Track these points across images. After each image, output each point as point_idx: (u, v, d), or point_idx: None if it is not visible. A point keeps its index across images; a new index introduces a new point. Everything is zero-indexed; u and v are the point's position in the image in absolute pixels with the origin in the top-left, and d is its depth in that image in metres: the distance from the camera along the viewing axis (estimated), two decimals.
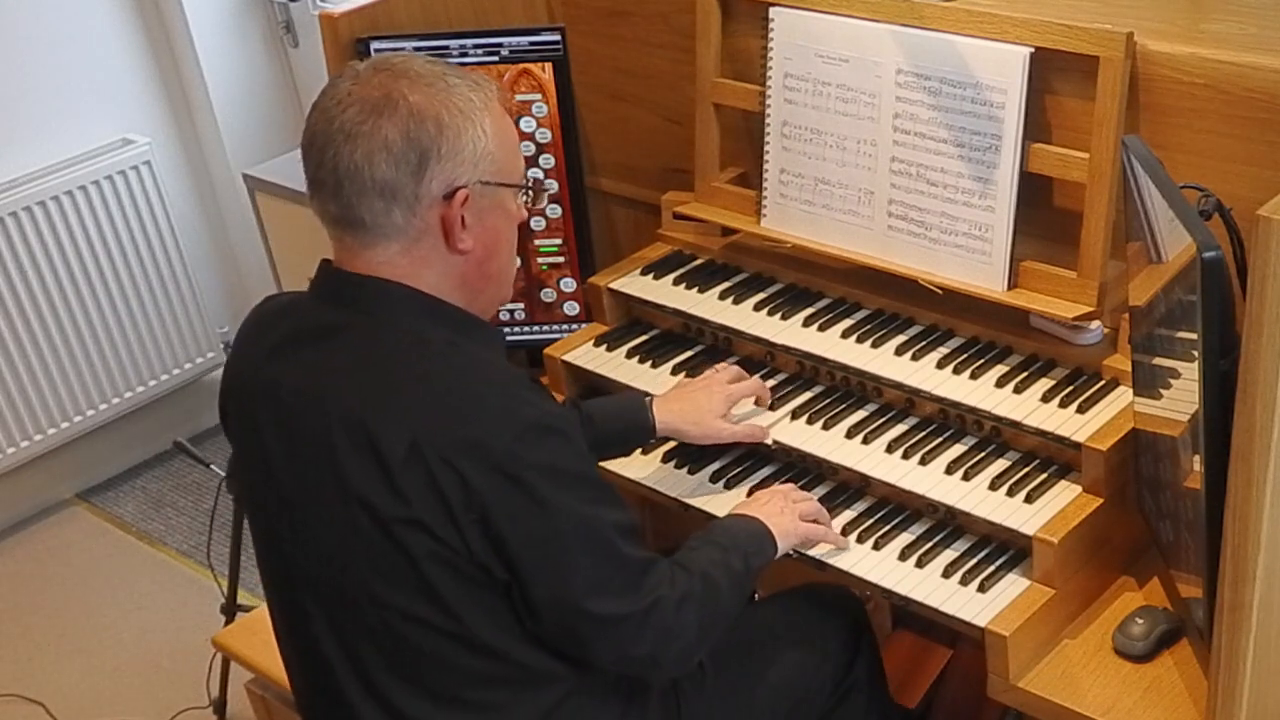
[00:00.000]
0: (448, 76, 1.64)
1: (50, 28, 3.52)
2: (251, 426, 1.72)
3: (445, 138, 1.60)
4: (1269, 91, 1.84)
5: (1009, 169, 2.04)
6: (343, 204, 1.63)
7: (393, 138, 1.59)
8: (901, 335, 2.17)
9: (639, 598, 1.68)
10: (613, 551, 1.66)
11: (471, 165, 1.62)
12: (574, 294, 2.57)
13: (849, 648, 2.05)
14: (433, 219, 1.63)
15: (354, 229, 1.64)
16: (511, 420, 1.59)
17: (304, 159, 1.65)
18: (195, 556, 3.57)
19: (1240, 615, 1.58)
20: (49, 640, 3.41)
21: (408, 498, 1.58)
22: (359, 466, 1.60)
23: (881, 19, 2.14)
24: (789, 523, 1.93)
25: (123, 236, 3.68)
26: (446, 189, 1.62)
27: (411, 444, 1.57)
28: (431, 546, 1.59)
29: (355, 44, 2.42)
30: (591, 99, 2.62)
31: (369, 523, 1.61)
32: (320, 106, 1.64)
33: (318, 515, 1.66)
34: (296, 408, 1.66)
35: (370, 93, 1.61)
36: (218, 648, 2.51)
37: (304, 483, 1.67)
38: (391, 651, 1.67)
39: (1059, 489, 1.93)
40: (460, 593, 1.62)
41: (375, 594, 1.64)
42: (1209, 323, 1.55)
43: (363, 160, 1.59)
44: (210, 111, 3.75)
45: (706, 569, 1.79)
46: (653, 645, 1.71)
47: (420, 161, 1.60)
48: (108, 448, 3.89)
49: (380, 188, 1.60)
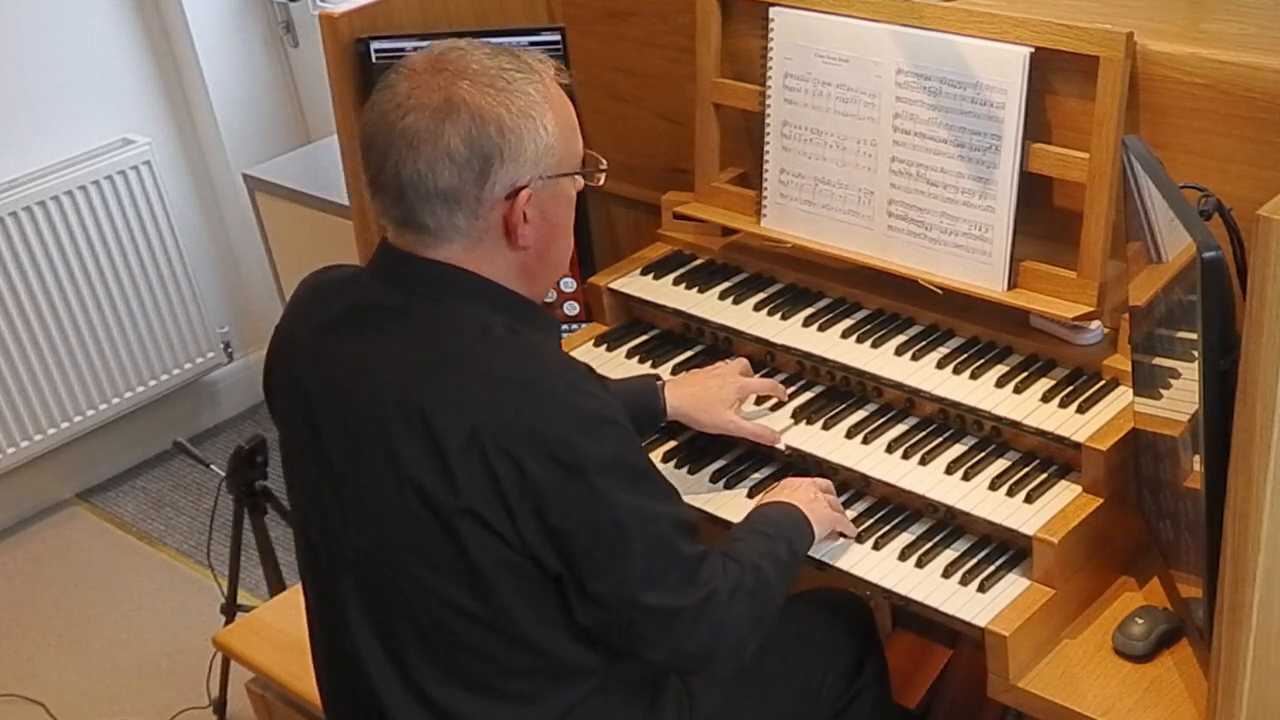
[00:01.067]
0: (506, 72, 1.61)
1: (50, 28, 3.52)
2: (302, 397, 1.71)
3: (508, 141, 1.59)
4: (1269, 91, 1.84)
5: (1009, 169, 2.04)
6: (405, 209, 1.62)
7: (455, 145, 1.57)
8: (901, 335, 2.17)
9: (693, 591, 1.68)
10: (669, 546, 1.66)
11: (534, 164, 1.61)
12: (574, 294, 2.57)
13: (858, 652, 2.05)
14: (495, 219, 1.63)
15: (417, 231, 1.64)
16: (572, 411, 1.58)
17: (363, 160, 1.64)
18: (195, 556, 3.57)
19: (1240, 615, 1.58)
20: (49, 640, 3.41)
21: (463, 486, 1.57)
22: (414, 451, 1.59)
23: (881, 19, 2.14)
24: (823, 510, 1.93)
25: (123, 236, 3.68)
26: (509, 190, 1.61)
27: (471, 432, 1.56)
28: (482, 536, 1.59)
29: (355, 44, 2.42)
30: (591, 99, 2.62)
31: (421, 508, 1.60)
32: (378, 108, 1.62)
33: (368, 495, 1.66)
34: (352, 385, 1.66)
35: (430, 97, 1.58)
36: (218, 648, 2.51)
37: (355, 462, 1.66)
38: (428, 635, 1.67)
39: (1059, 489, 1.93)
40: (506, 583, 1.62)
41: (419, 577, 1.64)
42: (1209, 323, 1.55)
43: (425, 169, 1.58)
44: (210, 111, 3.75)
45: (756, 560, 1.79)
46: (706, 639, 1.70)
47: (484, 167, 1.59)
48: (108, 448, 3.89)
49: (444, 195, 1.59)
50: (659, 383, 2.11)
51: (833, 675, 2.01)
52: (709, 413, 2.09)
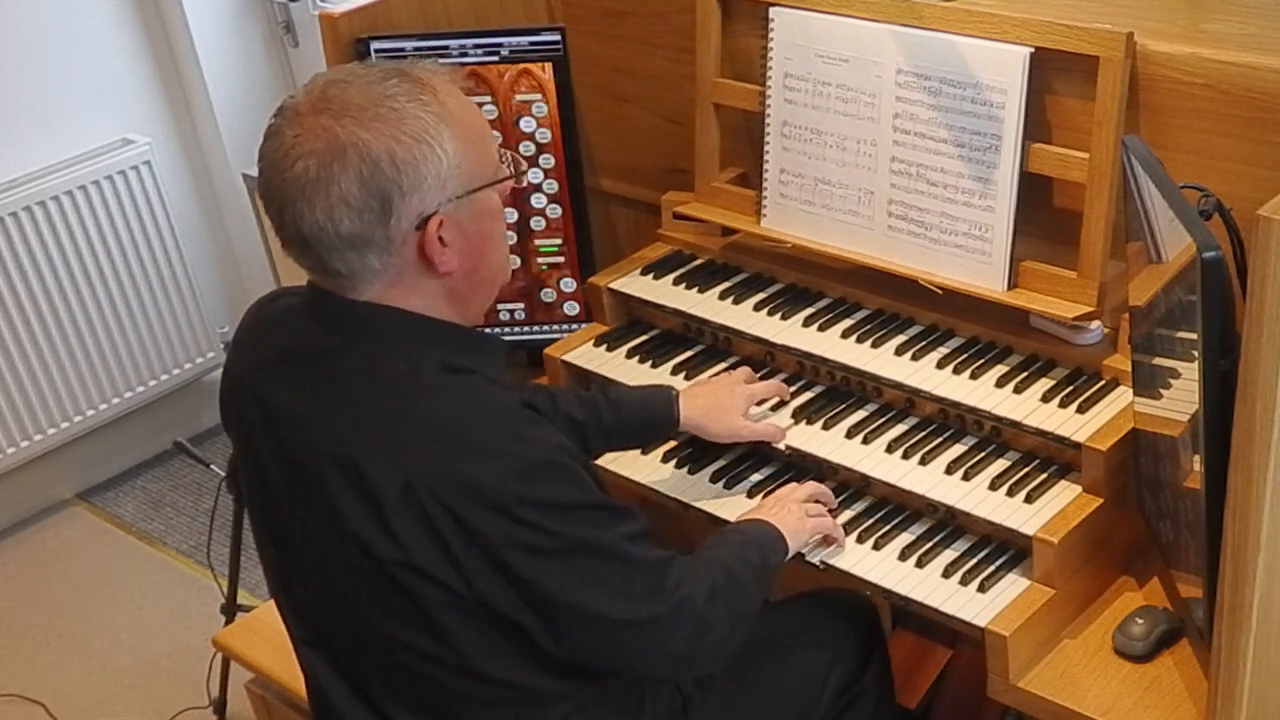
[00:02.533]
0: (391, 98, 1.53)
1: (50, 28, 3.52)
2: (248, 436, 1.69)
3: (404, 174, 1.51)
4: (1269, 91, 1.84)
5: (1009, 169, 2.04)
6: (315, 260, 1.57)
7: (349, 189, 1.50)
8: (901, 335, 2.17)
9: (665, 596, 1.66)
10: (628, 560, 1.63)
11: (438, 189, 1.54)
12: (574, 294, 2.57)
13: (861, 652, 2.04)
14: (410, 252, 1.56)
15: (333, 277, 1.59)
16: (509, 460, 1.54)
17: (265, 212, 1.58)
18: (195, 556, 3.57)
19: (1240, 615, 1.58)
20: (49, 640, 3.41)
21: (403, 541, 1.53)
22: (353, 505, 1.56)
23: (881, 19, 2.14)
24: (795, 520, 1.93)
25: (123, 236, 3.68)
26: (417, 221, 1.54)
27: (405, 485, 1.52)
28: (430, 588, 1.56)
29: (355, 44, 2.42)
30: (591, 99, 2.62)
31: (364, 561, 1.57)
32: (267, 158, 1.55)
33: (314, 546, 1.63)
34: (289, 432, 1.63)
35: (315, 143, 1.51)
36: (218, 648, 2.51)
37: (300, 511, 1.63)
38: (392, 676, 1.66)
39: (1059, 489, 1.93)
40: (459, 627, 1.59)
41: (375, 624, 1.62)
42: (1209, 323, 1.55)
43: (324, 219, 1.51)
44: (210, 111, 3.75)
45: (726, 562, 1.78)
46: (688, 641, 1.69)
47: (384, 206, 1.51)
48: (108, 448, 3.89)
49: (349, 241, 1.53)
50: (674, 393, 2.11)
51: (837, 675, 2.00)
52: (721, 422, 2.09)
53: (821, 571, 1.98)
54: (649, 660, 1.70)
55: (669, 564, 1.69)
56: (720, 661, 1.77)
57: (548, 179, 2.51)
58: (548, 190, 2.52)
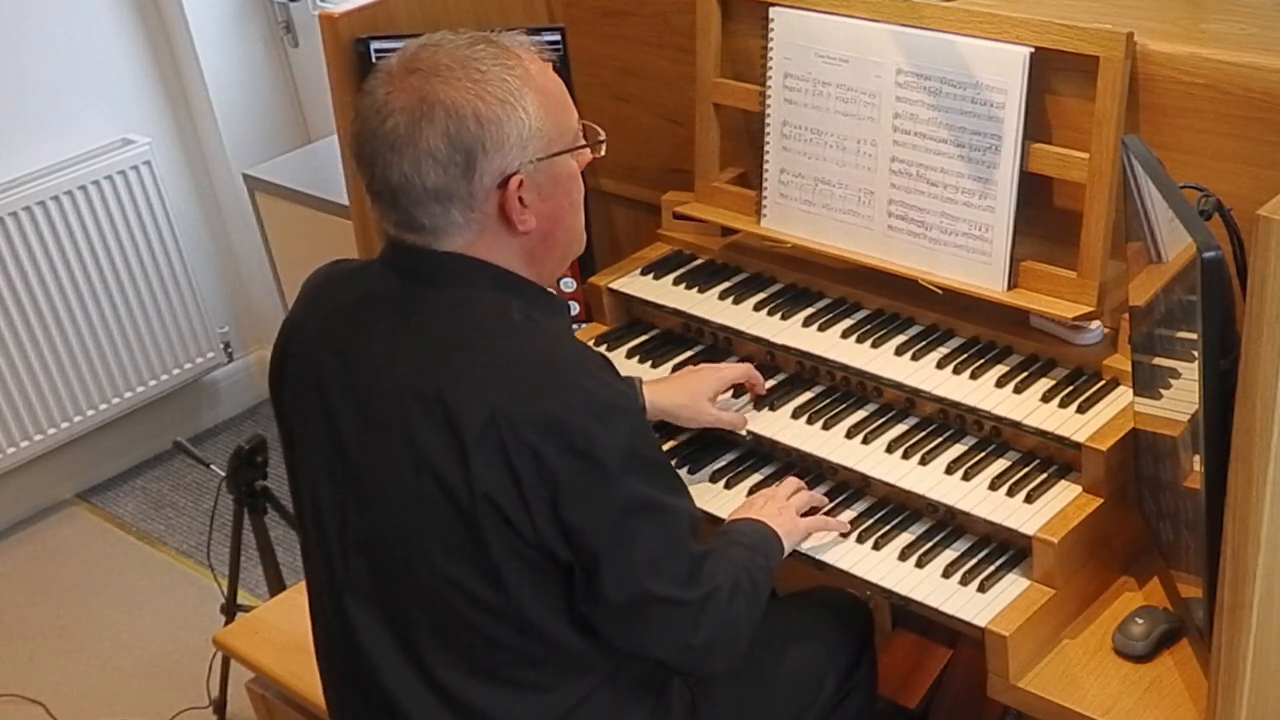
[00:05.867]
0: (479, 61, 1.61)
1: (50, 28, 3.52)
2: (316, 385, 1.71)
3: (488, 131, 1.59)
4: (1269, 91, 1.84)
5: (1009, 169, 2.04)
6: (401, 212, 1.64)
7: (436, 144, 1.58)
8: (901, 335, 2.17)
9: (697, 587, 1.70)
10: (678, 539, 1.68)
11: (520, 149, 1.61)
12: (574, 294, 2.57)
13: (855, 651, 2.06)
14: (491, 209, 1.63)
15: (417, 231, 1.65)
16: (589, 400, 1.59)
17: (358, 168, 1.66)
18: (195, 556, 3.57)
19: (1240, 615, 1.58)
20: (49, 640, 3.41)
21: (481, 472, 1.58)
22: (434, 438, 1.60)
23: (881, 19, 2.14)
24: (789, 522, 1.95)
25: (123, 236, 3.68)
26: (499, 179, 1.61)
27: (489, 418, 1.57)
28: (497, 523, 1.59)
29: (355, 44, 2.42)
30: (591, 99, 2.62)
31: (439, 495, 1.61)
32: (361, 115, 1.63)
33: (386, 482, 1.66)
34: (370, 372, 1.66)
35: (406, 99, 1.59)
36: (218, 648, 2.51)
37: (372, 448, 1.67)
38: (439, 620, 1.68)
39: (1059, 489, 1.93)
40: (518, 572, 1.62)
41: (433, 562, 1.64)
42: (1209, 323, 1.55)
43: (411, 171, 1.59)
44: (210, 111, 3.75)
45: (747, 564, 1.81)
46: (709, 635, 1.72)
47: (468, 161, 1.59)
48: (108, 448, 3.89)
49: (434, 194, 1.60)
50: (636, 381, 2.11)
51: (833, 672, 2.02)
52: (688, 407, 2.11)
53: (822, 571, 1.98)
54: (667, 644, 1.72)
55: (705, 559, 1.73)
56: (732, 660, 1.80)
57: None
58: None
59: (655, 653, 1.73)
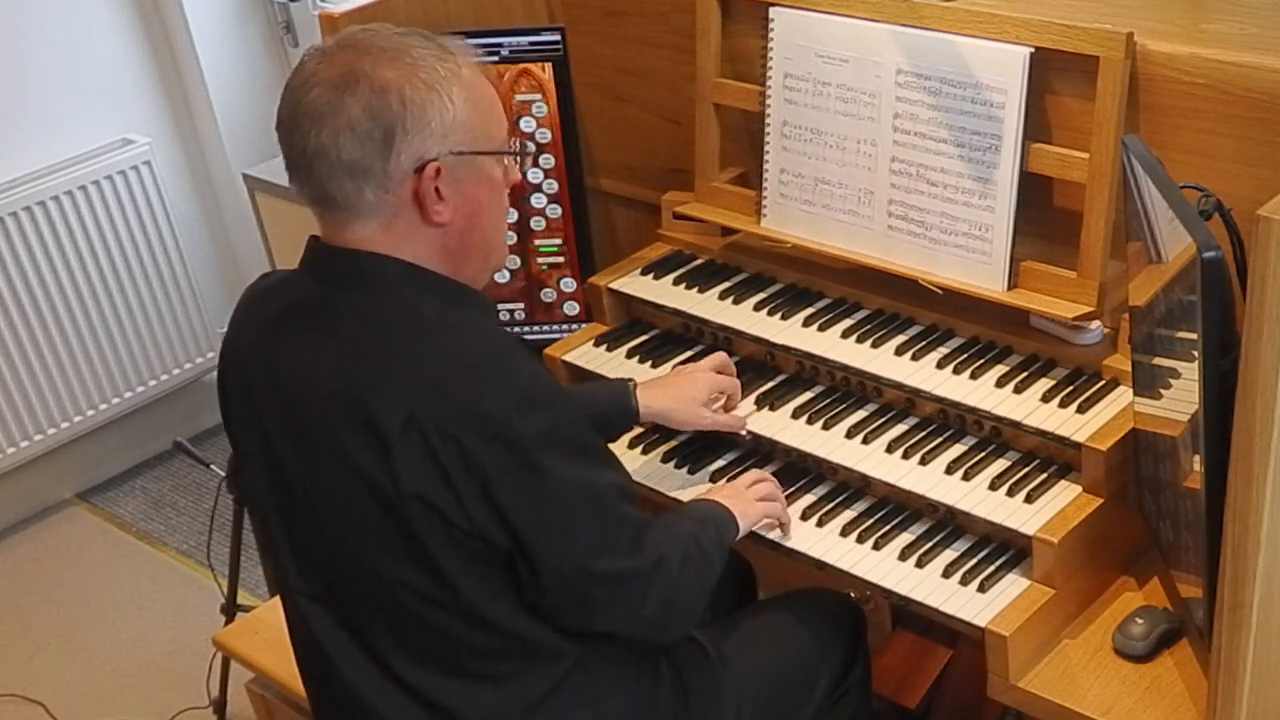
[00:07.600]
0: (414, 49, 1.61)
1: (50, 28, 3.52)
2: (251, 406, 1.72)
3: (410, 112, 1.58)
4: (1269, 91, 1.84)
5: (1009, 169, 2.04)
6: (315, 185, 1.63)
7: (356, 116, 1.58)
8: (901, 335, 2.17)
9: (643, 555, 1.70)
10: (613, 512, 1.68)
11: (440, 137, 1.60)
12: (574, 294, 2.57)
13: (848, 653, 2.06)
14: (405, 194, 1.62)
15: (330, 208, 1.65)
16: (508, 389, 1.59)
17: (279, 140, 1.66)
18: (195, 556, 3.57)
19: (1240, 615, 1.58)
20: (49, 640, 3.41)
21: (407, 471, 1.58)
22: (358, 443, 1.60)
23: (881, 19, 2.14)
24: (746, 504, 1.96)
25: (123, 236, 3.68)
26: (416, 163, 1.60)
27: (409, 417, 1.57)
28: (432, 519, 1.60)
29: None
30: (591, 99, 2.62)
31: (370, 499, 1.61)
32: (289, 87, 1.64)
33: (321, 492, 1.67)
34: (296, 386, 1.67)
35: (334, 71, 1.59)
36: (218, 648, 2.51)
37: (307, 462, 1.67)
38: (395, 622, 1.68)
39: (1059, 489, 1.93)
40: (461, 567, 1.63)
41: (378, 566, 1.65)
42: (1209, 323, 1.55)
43: (329, 141, 1.59)
44: (210, 111, 3.75)
45: (695, 534, 1.82)
46: (659, 604, 1.73)
47: (385, 138, 1.58)
48: (108, 448, 3.89)
49: (349, 168, 1.60)
50: (631, 384, 2.12)
51: (827, 673, 2.02)
52: (683, 410, 2.11)
53: (822, 571, 1.98)
54: (618, 618, 1.72)
55: (647, 526, 1.73)
56: (685, 630, 1.81)
57: (548, 179, 2.51)
58: (548, 190, 2.52)
59: (606, 627, 1.73)
